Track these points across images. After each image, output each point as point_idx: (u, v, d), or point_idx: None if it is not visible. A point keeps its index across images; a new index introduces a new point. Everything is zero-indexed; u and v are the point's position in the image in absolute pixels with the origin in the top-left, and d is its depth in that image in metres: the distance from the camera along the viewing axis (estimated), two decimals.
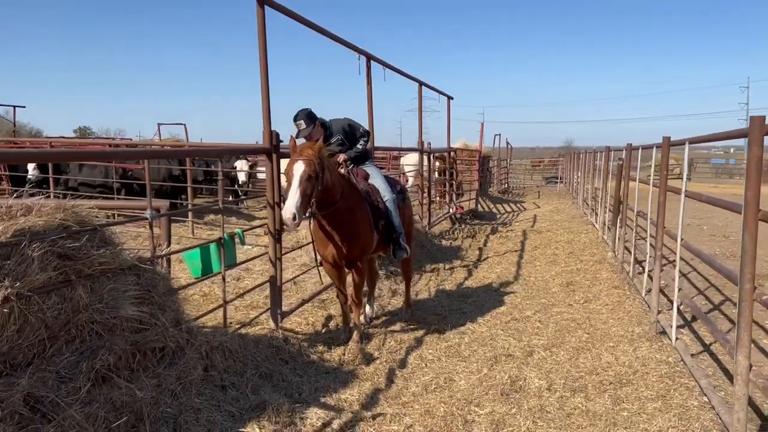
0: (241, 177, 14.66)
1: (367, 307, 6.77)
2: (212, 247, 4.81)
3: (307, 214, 5.08)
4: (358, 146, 6.11)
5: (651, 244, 7.34)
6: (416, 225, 11.26)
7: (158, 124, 22.73)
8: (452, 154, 14.93)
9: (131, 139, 24.02)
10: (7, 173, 12.83)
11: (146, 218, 3.98)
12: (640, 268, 7.72)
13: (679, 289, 5.52)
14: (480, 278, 9.18)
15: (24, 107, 20.92)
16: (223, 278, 4.88)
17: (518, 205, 20.71)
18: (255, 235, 10.45)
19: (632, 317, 6.72)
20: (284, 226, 4.92)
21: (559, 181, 30.08)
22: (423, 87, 11.62)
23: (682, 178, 5.25)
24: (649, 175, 7.44)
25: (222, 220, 5.01)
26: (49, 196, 12.87)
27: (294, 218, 4.72)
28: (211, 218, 13.19)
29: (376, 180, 6.19)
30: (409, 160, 15.79)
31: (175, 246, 5.58)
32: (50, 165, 11.79)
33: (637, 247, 8.33)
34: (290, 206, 4.74)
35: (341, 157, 5.99)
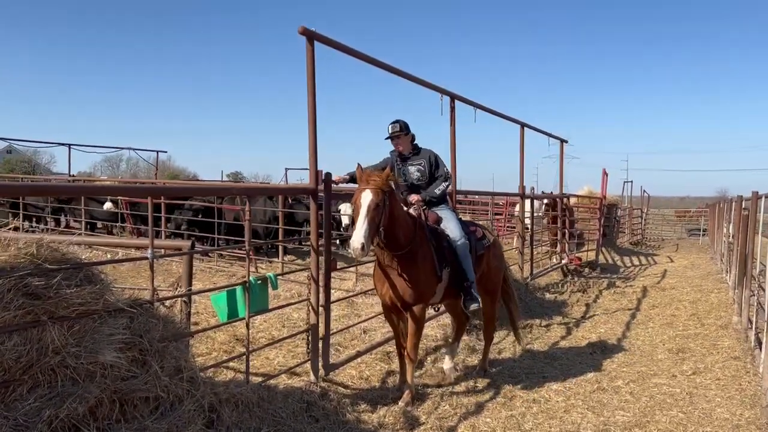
0: (345, 220, 14.57)
1: (446, 360, 6.24)
2: (238, 290, 4.55)
3: (375, 244, 4.96)
4: (436, 190, 5.79)
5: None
6: (515, 276, 10.52)
7: (285, 168, 23.70)
8: (566, 200, 13.95)
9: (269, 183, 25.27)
10: (129, 212, 13.72)
11: (147, 258, 3.78)
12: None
13: None
14: (577, 338, 8.25)
15: (166, 152, 22.73)
16: (247, 325, 4.58)
17: (649, 258, 18.96)
18: (341, 279, 10.23)
19: (745, 397, 5.59)
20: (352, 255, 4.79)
21: (702, 233, 27.42)
22: (528, 129, 10.98)
23: None
24: None
25: (248, 264, 4.74)
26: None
27: (362, 248, 4.60)
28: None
29: (450, 224, 5.75)
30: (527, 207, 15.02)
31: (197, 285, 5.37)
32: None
33: (760, 312, 7.07)
34: (359, 236, 4.61)
35: (414, 197, 5.76)
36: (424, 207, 5.78)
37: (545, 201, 13.77)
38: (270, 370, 5.79)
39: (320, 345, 5.36)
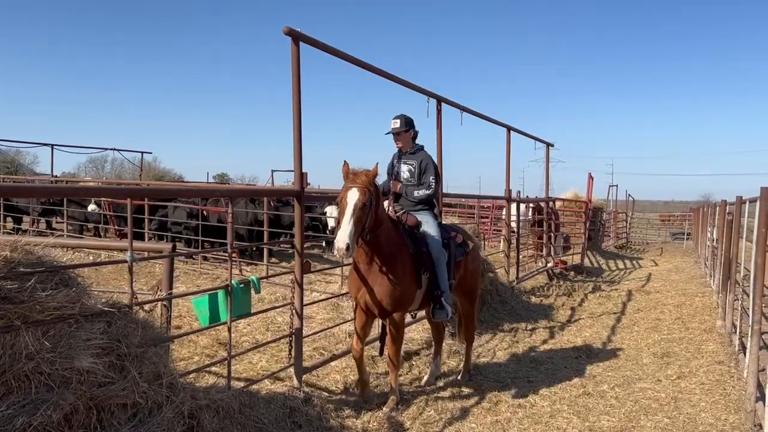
0: (331, 223, 14.43)
1: (427, 375, 6.20)
2: (220, 294, 4.47)
3: (359, 245, 4.85)
4: (415, 193, 5.70)
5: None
6: (501, 279, 10.50)
7: (272, 170, 23.49)
8: (551, 204, 13.97)
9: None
10: (113, 213, 13.55)
11: (125, 261, 3.69)
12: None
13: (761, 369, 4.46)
14: (562, 342, 8.23)
15: (150, 153, 22.53)
16: (229, 329, 4.50)
17: (634, 262, 19.06)
18: (326, 282, 10.16)
19: (730, 402, 5.59)
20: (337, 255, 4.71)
21: (686, 237, 27.63)
22: (514, 132, 10.97)
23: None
24: None
25: (230, 267, 4.66)
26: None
27: (347, 248, 4.50)
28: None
29: (428, 229, 5.64)
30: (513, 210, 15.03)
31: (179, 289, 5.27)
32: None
33: (744, 317, 7.09)
34: (343, 236, 4.52)
35: (397, 184, 5.76)
36: (403, 210, 5.69)
37: (531, 204, 13.78)
38: (253, 374, 5.71)
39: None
